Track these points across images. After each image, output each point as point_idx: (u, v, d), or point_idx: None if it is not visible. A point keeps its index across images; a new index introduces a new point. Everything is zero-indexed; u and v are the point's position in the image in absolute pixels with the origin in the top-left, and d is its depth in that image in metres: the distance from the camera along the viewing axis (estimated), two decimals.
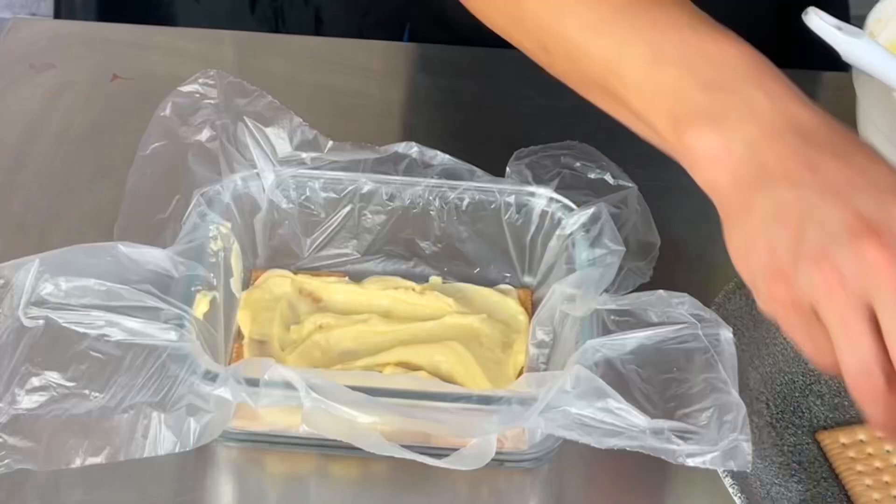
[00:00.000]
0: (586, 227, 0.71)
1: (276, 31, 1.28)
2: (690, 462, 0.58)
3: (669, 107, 0.61)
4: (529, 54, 0.69)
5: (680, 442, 0.58)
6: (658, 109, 0.61)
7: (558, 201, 0.73)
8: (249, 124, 0.74)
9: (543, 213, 0.74)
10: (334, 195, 0.75)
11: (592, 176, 0.74)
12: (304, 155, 0.75)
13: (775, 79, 0.60)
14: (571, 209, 0.73)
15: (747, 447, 0.58)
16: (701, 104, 0.60)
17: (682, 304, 0.64)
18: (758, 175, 0.57)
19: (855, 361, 0.55)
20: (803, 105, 0.59)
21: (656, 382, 0.61)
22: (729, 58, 0.60)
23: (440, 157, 0.75)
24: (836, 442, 0.69)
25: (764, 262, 0.57)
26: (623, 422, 0.58)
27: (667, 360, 0.62)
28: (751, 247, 0.58)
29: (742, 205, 0.58)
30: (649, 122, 0.62)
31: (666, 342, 0.62)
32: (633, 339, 0.62)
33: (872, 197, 0.56)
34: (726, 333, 0.63)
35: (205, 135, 0.73)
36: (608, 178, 0.74)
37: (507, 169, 0.74)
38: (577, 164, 0.75)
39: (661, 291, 0.64)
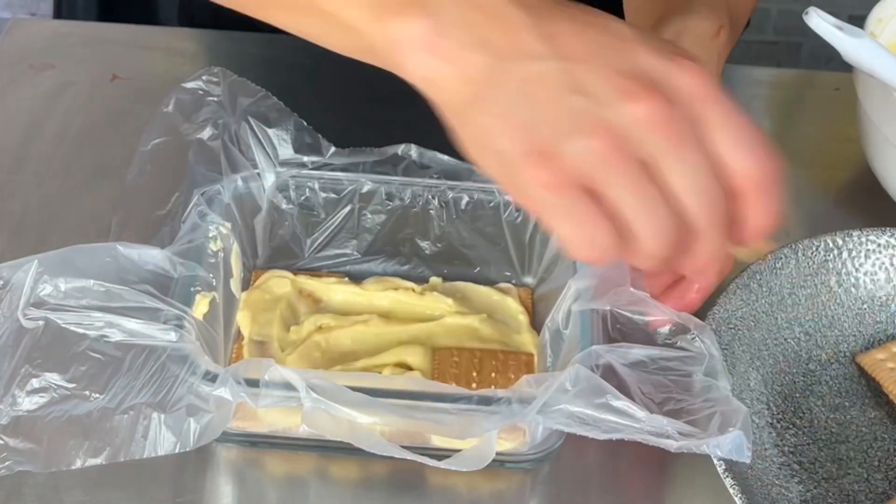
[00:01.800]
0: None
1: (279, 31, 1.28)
2: (688, 449, 0.58)
3: None
4: None
5: (679, 436, 0.58)
6: (354, 2, 0.54)
7: None
8: (253, 124, 0.74)
9: None
10: (334, 196, 0.75)
11: None
12: (305, 158, 0.75)
13: None
14: None
15: (747, 439, 0.58)
16: None
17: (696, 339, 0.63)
18: (486, 58, 0.51)
19: (652, 227, 0.52)
20: None
21: (657, 386, 0.61)
22: None
23: (439, 158, 0.75)
24: (874, 359, 0.72)
25: (516, 146, 0.51)
26: (623, 417, 0.58)
27: (668, 369, 0.62)
28: (495, 133, 0.52)
29: (472, 91, 0.52)
30: (342, 19, 0.54)
31: (670, 360, 0.62)
32: (638, 351, 0.62)
33: (622, 51, 0.52)
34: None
35: (206, 133, 0.73)
36: None
37: None
38: None
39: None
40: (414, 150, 0.75)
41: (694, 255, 0.55)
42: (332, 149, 0.75)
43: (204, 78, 0.75)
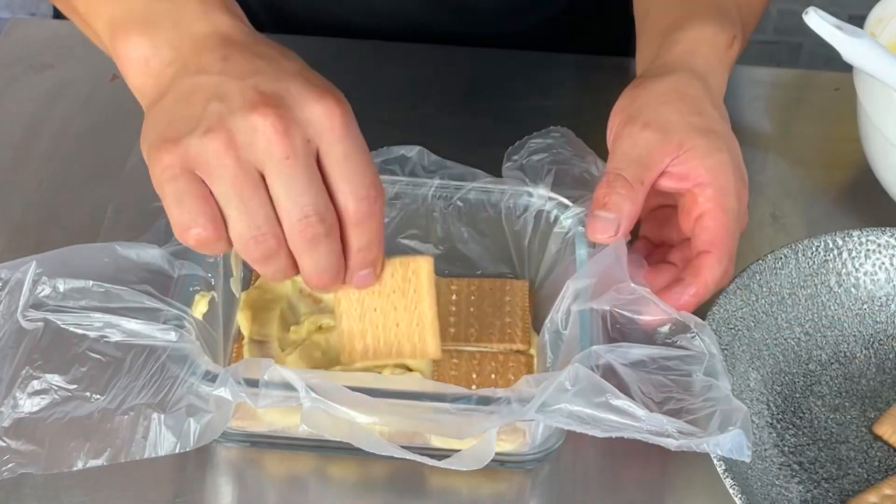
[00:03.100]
0: (584, 222, 0.71)
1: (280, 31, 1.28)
2: (687, 448, 0.58)
3: (108, 11, 0.62)
4: None
5: (679, 435, 0.58)
6: (98, 13, 0.63)
7: (554, 199, 0.74)
8: None
9: (540, 212, 0.74)
10: None
11: (580, 170, 0.74)
12: None
13: None
14: (567, 206, 0.73)
15: (747, 438, 0.58)
16: (137, 10, 0.61)
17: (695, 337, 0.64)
18: (177, 71, 0.60)
19: (245, 226, 0.58)
20: (232, 17, 0.62)
21: (657, 385, 0.61)
22: None
23: (444, 161, 0.75)
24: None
25: (158, 135, 0.58)
26: (622, 416, 0.58)
27: (668, 369, 0.62)
28: (152, 124, 0.59)
29: (157, 96, 0.60)
30: (92, 26, 0.65)
31: (670, 360, 0.62)
32: (638, 351, 0.62)
33: (273, 78, 0.58)
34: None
35: None
36: (594, 170, 0.74)
37: (503, 170, 0.75)
38: (568, 157, 0.75)
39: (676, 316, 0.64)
40: (420, 152, 0.75)
41: (278, 265, 0.60)
42: None
43: None
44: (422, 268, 0.66)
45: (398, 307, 0.66)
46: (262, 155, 0.57)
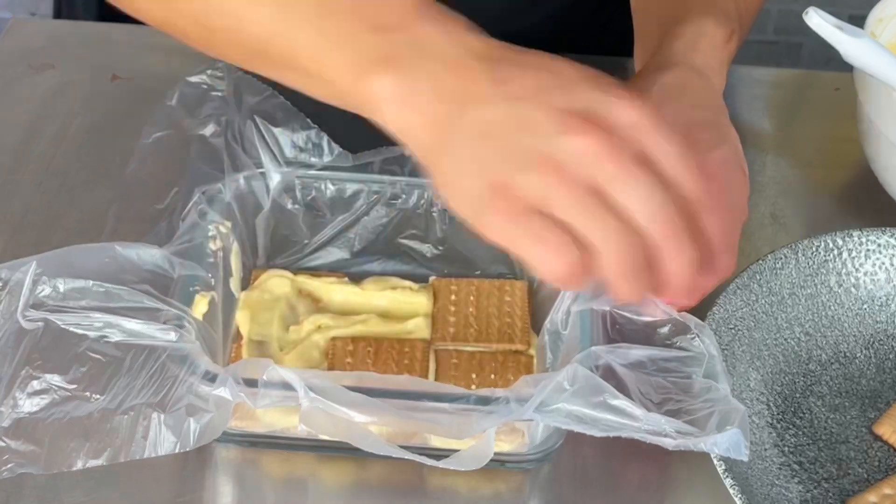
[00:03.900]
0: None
1: None
2: (685, 447, 0.58)
3: (344, 56, 0.59)
4: (183, 37, 0.66)
5: (677, 434, 0.58)
6: (333, 62, 0.59)
7: None
8: (259, 123, 0.74)
9: None
10: (337, 196, 0.75)
11: None
12: (313, 159, 0.75)
13: (443, 13, 0.59)
14: None
15: (745, 438, 0.58)
16: (376, 48, 0.58)
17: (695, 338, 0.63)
18: (449, 106, 0.56)
19: (609, 238, 0.55)
20: (476, 34, 0.59)
21: (656, 387, 0.61)
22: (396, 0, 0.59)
23: None
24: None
25: (478, 183, 0.56)
26: (620, 416, 0.58)
27: (668, 370, 0.62)
28: (460, 173, 0.57)
29: (439, 138, 0.57)
30: (326, 77, 0.60)
31: (669, 361, 0.62)
32: (638, 352, 0.62)
33: (565, 91, 0.56)
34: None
35: (209, 129, 0.73)
36: None
37: None
38: None
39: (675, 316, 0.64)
40: None
41: (664, 270, 0.57)
42: (338, 149, 0.75)
43: (208, 72, 0.75)
44: None
45: None
46: (597, 174, 0.55)
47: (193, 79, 0.75)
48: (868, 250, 0.76)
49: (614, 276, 0.57)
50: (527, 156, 0.55)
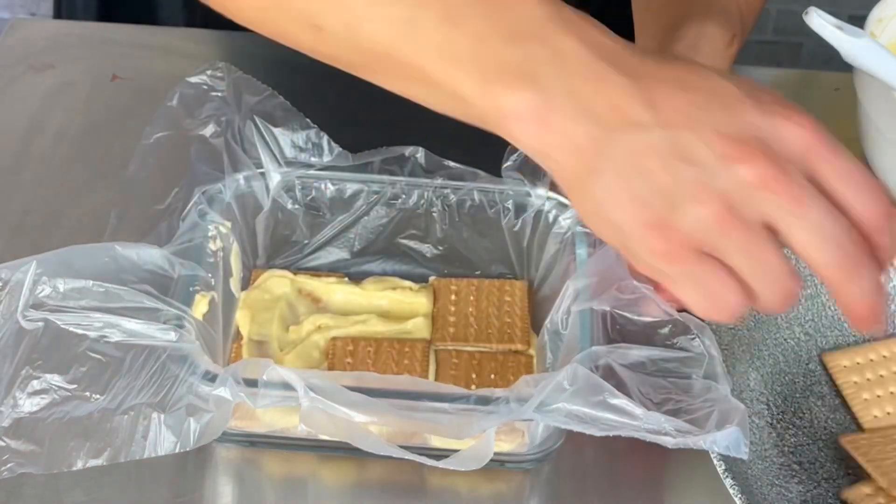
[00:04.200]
0: (583, 223, 0.71)
1: None
2: (685, 445, 0.58)
3: (474, 67, 0.54)
4: (291, 40, 0.60)
5: (677, 433, 0.58)
6: (461, 72, 0.54)
7: (553, 199, 0.74)
8: (259, 123, 0.74)
9: (539, 213, 0.74)
10: (337, 196, 0.75)
11: None
12: (313, 159, 0.75)
13: (581, 20, 0.55)
14: (566, 206, 0.73)
15: (744, 436, 0.58)
16: (509, 58, 0.53)
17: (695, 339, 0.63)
18: (594, 128, 0.52)
19: (772, 286, 0.52)
20: (617, 41, 0.54)
21: (656, 387, 0.61)
22: (530, 6, 0.54)
23: (444, 161, 0.75)
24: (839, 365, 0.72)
25: (634, 217, 0.52)
26: (620, 415, 0.58)
27: (668, 371, 0.62)
28: (609, 205, 0.53)
29: (583, 162, 0.53)
30: (451, 88, 0.55)
31: (670, 362, 0.62)
32: (638, 352, 0.62)
33: (724, 114, 0.52)
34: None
35: (209, 129, 0.73)
36: None
37: (502, 170, 0.75)
38: None
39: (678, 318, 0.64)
40: (420, 153, 0.75)
41: (844, 301, 0.54)
42: (338, 149, 0.75)
43: (208, 73, 0.75)
44: None
45: None
46: (767, 207, 0.51)
47: (193, 79, 0.75)
48: None
49: (779, 312, 0.54)
50: (686, 189, 0.51)
